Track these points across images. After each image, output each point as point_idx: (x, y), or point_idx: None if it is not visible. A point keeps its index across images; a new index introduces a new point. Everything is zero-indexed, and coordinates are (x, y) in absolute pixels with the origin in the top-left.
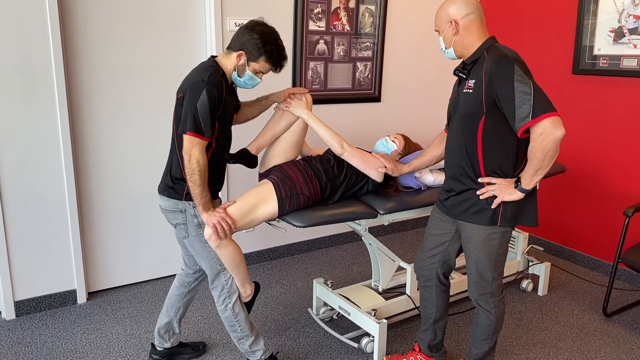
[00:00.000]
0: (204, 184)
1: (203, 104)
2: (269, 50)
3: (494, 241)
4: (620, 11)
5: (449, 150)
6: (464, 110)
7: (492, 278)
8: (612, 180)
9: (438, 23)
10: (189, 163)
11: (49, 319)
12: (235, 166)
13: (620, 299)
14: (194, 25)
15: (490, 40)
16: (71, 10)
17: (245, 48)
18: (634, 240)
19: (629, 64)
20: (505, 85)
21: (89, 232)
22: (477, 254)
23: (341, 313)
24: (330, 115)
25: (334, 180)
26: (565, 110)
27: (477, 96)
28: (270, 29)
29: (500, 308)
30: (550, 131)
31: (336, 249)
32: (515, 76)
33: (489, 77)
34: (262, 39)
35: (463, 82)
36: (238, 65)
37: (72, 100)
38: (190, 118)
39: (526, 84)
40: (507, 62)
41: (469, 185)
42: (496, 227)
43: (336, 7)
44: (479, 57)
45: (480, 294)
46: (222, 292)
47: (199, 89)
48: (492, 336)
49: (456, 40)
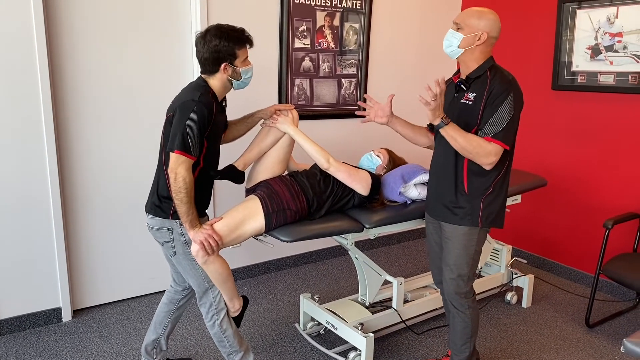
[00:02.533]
0: (190, 201)
1: (192, 123)
2: (234, 38)
3: (473, 237)
4: (596, 29)
5: (436, 154)
6: (461, 119)
7: (467, 276)
8: (592, 193)
9: (468, 23)
10: (175, 181)
11: (33, 337)
12: (222, 182)
13: (602, 310)
14: (180, 39)
15: (491, 60)
16: (57, 23)
17: (221, 59)
18: (614, 251)
19: (606, 80)
20: (494, 107)
21: (74, 249)
22: (458, 251)
23: (328, 328)
24: (316, 131)
25: (321, 195)
26: (545, 125)
27: (475, 109)
28: (215, 26)
29: (474, 308)
30: (488, 154)
31: (323, 263)
32: (505, 104)
33: (491, 95)
34: (219, 39)
35: (461, 93)
36: (230, 75)
37: (59, 113)
38: (178, 136)
39: (509, 113)
40: (509, 88)
41: (452, 188)
42: (477, 227)
43: (321, 25)
44: (481, 74)
45: (456, 292)
46: (210, 309)
47: (189, 109)
48: (470, 339)
49: (473, 48)
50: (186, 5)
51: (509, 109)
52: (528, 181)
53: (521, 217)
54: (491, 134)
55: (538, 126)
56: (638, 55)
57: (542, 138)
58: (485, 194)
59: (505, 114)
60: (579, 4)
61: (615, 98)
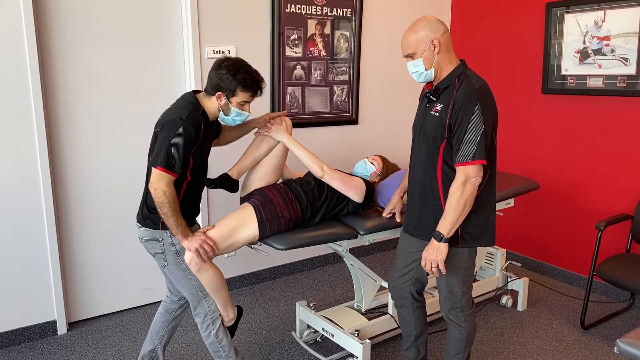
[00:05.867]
0: (175, 214)
1: (178, 141)
2: (241, 80)
3: (459, 257)
4: (585, 33)
5: (413, 166)
6: (429, 131)
7: (461, 292)
8: (584, 196)
9: (412, 46)
10: (155, 196)
11: (28, 351)
12: (215, 191)
13: (597, 311)
14: (172, 53)
15: (462, 67)
16: (47, 29)
17: (220, 88)
18: (607, 253)
19: (595, 83)
20: (461, 123)
21: (68, 261)
22: (446, 271)
23: (325, 335)
24: (309, 139)
25: (315, 203)
26: (536, 128)
27: (442, 120)
28: (236, 60)
29: (471, 322)
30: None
31: (318, 271)
32: (472, 119)
33: (454, 107)
34: (230, 72)
35: (432, 103)
36: (221, 105)
37: (51, 126)
38: (162, 153)
39: (478, 127)
40: (472, 101)
41: (429, 206)
42: (457, 248)
43: (312, 34)
44: (450, 83)
45: (450, 308)
46: (206, 319)
47: (175, 127)
48: (464, 350)
49: (437, 59)
50: (177, 13)
51: (478, 123)
52: (520, 185)
53: (514, 220)
54: (470, 157)
55: (529, 130)
56: (626, 58)
57: (533, 142)
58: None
59: (473, 131)
60: (567, 9)
61: (604, 101)
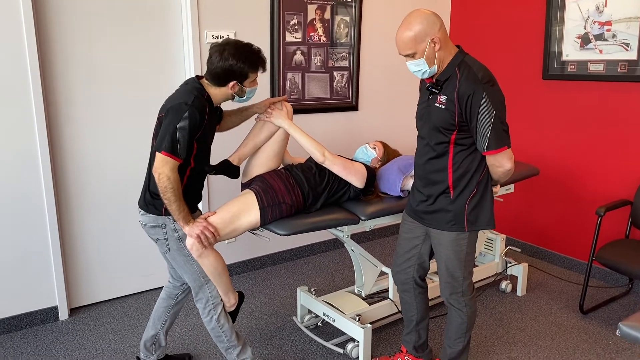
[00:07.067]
0: (179, 199)
1: (183, 126)
2: (249, 62)
3: (462, 242)
4: (586, 18)
5: (419, 157)
6: (437, 123)
7: (462, 277)
8: (584, 181)
9: (411, 47)
10: (159, 181)
11: (30, 337)
12: (215, 178)
13: (596, 296)
14: (172, 39)
15: (460, 55)
16: (47, 20)
17: (232, 76)
18: (606, 238)
19: (596, 68)
20: (472, 117)
21: (69, 247)
22: (447, 254)
23: (326, 320)
24: (309, 125)
25: (316, 188)
26: (536, 114)
27: (450, 113)
28: (235, 44)
29: (471, 307)
30: (499, 164)
31: (318, 257)
32: (481, 109)
33: (460, 100)
34: (238, 59)
35: (434, 95)
36: (235, 92)
37: (51, 113)
38: (167, 138)
39: (489, 117)
40: (478, 91)
41: (437, 192)
42: (464, 232)
43: (312, 19)
44: (450, 74)
45: (451, 293)
46: (207, 305)
47: (181, 112)
48: (464, 335)
49: (439, 55)
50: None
51: (488, 111)
52: (520, 170)
53: (514, 206)
54: (496, 147)
55: (529, 116)
56: (627, 44)
57: (533, 127)
58: (469, 196)
59: (487, 121)
60: None
61: (605, 86)
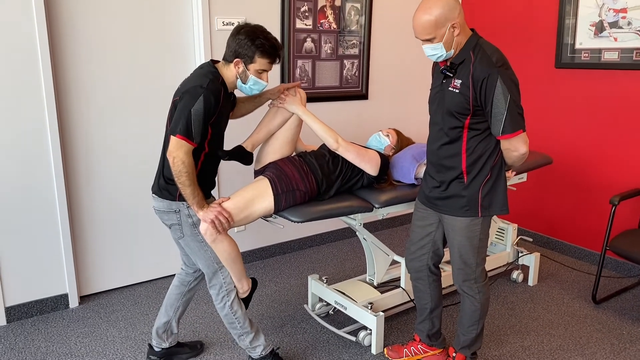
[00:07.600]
0: (193, 183)
1: (198, 110)
2: (259, 45)
3: (475, 227)
4: (600, 5)
5: (431, 143)
6: (450, 107)
7: (475, 264)
8: (597, 170)
9: (430, 32)
10: (173, 165)
11: (41, 324)
12: (228, 163)
13: (609, 286)
14: (182, 25)
15: (474, 38)
16: (58, 10)
17: (238, 54)
18: (620, 228)
19: (610, 57)
20: (487, 101)
21: (80, 235)
22: (460, 240)
23: (337, 308)
24: (319, 113)
25: (330, 176)
26: (549, 103)
27: (464, 97)
28: (255, 27)
29: (485, 293)
30: (514, 148)
31: (327, 246)
32: (496, 92)
33: (475, 84)
34: (248, 38)
35: (449, 79)
36: (239, 73)
37: (61, 100)
38: (182, 121)
39: (505, 101)
40: (492, 75)
41: (450, 177)
42: (477, 218)
43: (322, 5)
44: (465, 57)
45: (464, 280)
46: (221, 291)
47: (196, 95)
48: (478, 322)
49: (457, 40)
50: None
51: (504, 94)
52: (533, 159)
53: (526, 195)
54: (512, 130)
55: (542, 104)
56: None
57: (546, 116)
58: (483, 181)
59: (503, 104)
60: None
61: (619, 75)
